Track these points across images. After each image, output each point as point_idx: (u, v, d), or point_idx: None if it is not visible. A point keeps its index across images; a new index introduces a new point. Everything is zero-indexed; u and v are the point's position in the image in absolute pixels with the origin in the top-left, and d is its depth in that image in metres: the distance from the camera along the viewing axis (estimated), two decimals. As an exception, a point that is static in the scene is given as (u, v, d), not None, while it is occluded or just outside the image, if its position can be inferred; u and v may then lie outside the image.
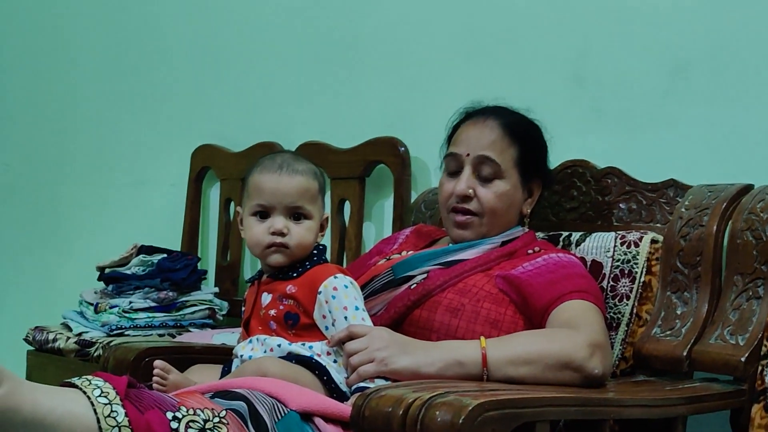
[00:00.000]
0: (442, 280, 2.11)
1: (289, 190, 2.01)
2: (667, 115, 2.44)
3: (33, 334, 3.11)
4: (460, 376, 1.86)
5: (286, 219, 2.01)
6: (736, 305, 2.00)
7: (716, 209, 2.09)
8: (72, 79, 3.98)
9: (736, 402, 1.95)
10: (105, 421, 1.58)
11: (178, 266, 3.09)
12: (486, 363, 1.87)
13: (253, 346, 1.98)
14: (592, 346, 1.90)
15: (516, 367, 1.87)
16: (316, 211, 2.03)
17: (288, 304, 1.98)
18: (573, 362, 1.88)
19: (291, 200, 2.01)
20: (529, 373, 1.87)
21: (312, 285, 1.98)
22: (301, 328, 1.97)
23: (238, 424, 1.68)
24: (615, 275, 2.18)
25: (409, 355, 1.88)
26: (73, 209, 3.95)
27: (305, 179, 2.02)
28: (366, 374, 1.87)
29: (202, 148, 3.45)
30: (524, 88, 2.57)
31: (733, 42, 2.35)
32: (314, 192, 2.03)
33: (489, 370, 1.87)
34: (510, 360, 1.88)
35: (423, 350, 1.90)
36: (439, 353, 1.89)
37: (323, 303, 1.96)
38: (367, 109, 3.06)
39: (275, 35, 3.31)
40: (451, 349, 1.90)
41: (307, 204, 2.02)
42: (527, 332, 2.02)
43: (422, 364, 1.87)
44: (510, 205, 2.23)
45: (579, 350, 1.88)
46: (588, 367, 1.88)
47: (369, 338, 1.90)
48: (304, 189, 2.02)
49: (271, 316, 1.99)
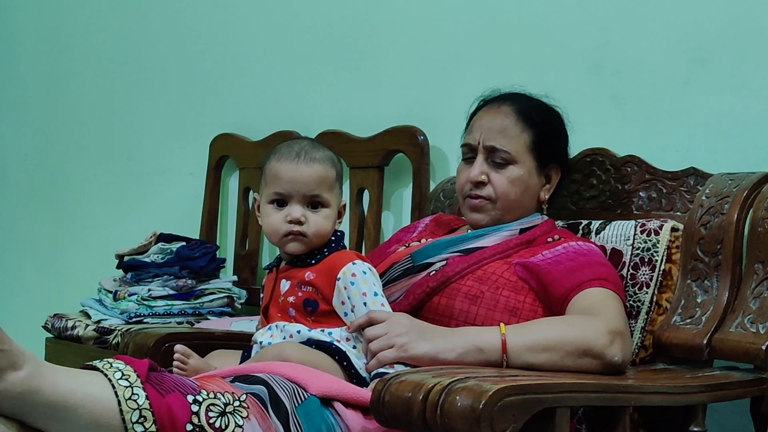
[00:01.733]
0: (461, 267, 2.11)
1: (307, 179, 2.01)
2: (687, 103, 2.43)
3: (52, 322, 3.12)
4: (480, 362, 1.86)
5: (303, 207, 2.00)
6: (756, 293, 2.00)
7: (737, 197, 2.08)
8: (90, 69, 3.99)
9: (757, 390, 1.94)
10: (126, 403, 1.59)
11: (197, 254, 3.10)
12: (506, 349, 1.87)
13: (273, 333, 1.99)
14: (612, 334, 1.89)
15: (535, 354, 1.87)
16: (333, 198, 2.03)
17: (307, 291, 1.98)
18: (593, 349, 1.87)
19: (308, 189, 2.00)
20: (548, 359, 1.86)
21: (330, 271, 1.98)
22: (320, 314, 1.97)
23: (259, 408, 1.68)
24: (635, 263, 2.17)
25: (429, 341, 1.88)
26: (92, 198, 3.97)
27: (323, 167, 2.02)
28: (386, 360, 1.87)
29: (220, 137, 3.46)
30: (543, 77, 2.56)
31: (754, 30, 2.34)
32: (332, 180, 2.03)
33: (508, 356, 1.86)
34: (529, 346, 1.87)
35: (442, 336, 1.90)
36: (459, 339, 1.89)
37: (342, 289, 1.96)
38: (385, 98, 3.06)
39: (294, 24, 3.31)
40: (471, 335, 1.90)
41: (324, 192, 2.02)
42: (547, 319, 2.02)
43: (442, 350, 1.87)
44: (525, 190, 2.22)
45: (599, 337, 1.88)
46: (608, 354, 1.88)
47: (389, 324, 1.90)
48: (321, 177, 2.01)
49: (290, 302, 1.99)
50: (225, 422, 1.63)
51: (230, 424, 1.64)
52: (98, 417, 1.58)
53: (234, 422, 1.64)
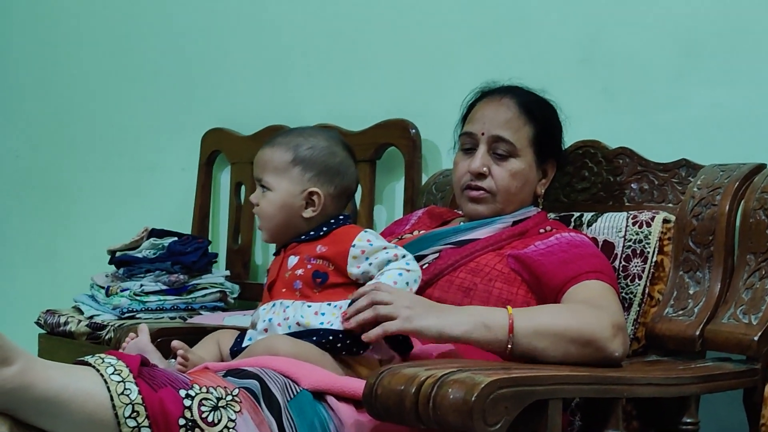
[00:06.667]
0: (454, 260, 2.11)
1: (256, 163, 2.10)
2: (678, 95, 2.43)
3: (45, 318, 3.11)
4: (487, 340, 1.84)
5: (259, 191, 2.08)
6: (748, 284, 2.00)
7: (729, 189, 2.08)
8: (81, 65, 3.98)
9: (749, 381, 1.95)
10: (118, 398, 1.59)
11: (189, 249, 3.09)
12: (512, 329, 1.84)
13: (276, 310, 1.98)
14: (616, 328, 1.88)
15: (541, 338, 1.85)
16: (281, 183, 2.05)
17: (317, 263, 1.99)
18: (597, 341, 1.86)
19: (256, 173, 2.09)
20: (552, 345, 1.85)
21: (343, 243, 2.00)
22: (328, 286, 1.97)
23: (251, 403, 1.68)
24: (627, 255, 2.17)
25: (435, 316, 1.85)
26: (84, 194, 3.95)
27: (271, 151, 2.08)
28: (390, 329, 1.84)
29: (212, 132, 3.45)
30: (535, 69, 2.56)
31: (745, 22, 2.34)
32: (278, 164, 2.06)
33: (515, 336, 1.84)
34: (536, 330, 1.86)
35: (449, 312, 1.88)
36: (466, 316, 1.87)
37: (359, 254, 1.97)
38: (377, 92, 3.05)
39: (285, 18, 3.31)
40: (479, 313, 1.88)
41: (267, 175, 2.06)
42: (554, 306, 2.00)
43: (448, 324, 1.84)
44: (524, 183, 2.22)
45: (604, 330, 1.87)
46: (610, 347, 1.87)
47: (396, 295, 1.88)
48: (266, 161, 2.08)
49: (298, 275, 1.99)
50: (218, 417, 1.63)
51: (223, 418, 1.63)
52: (91, 412, 1.58)
53: (227, 416, 1.64)
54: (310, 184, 2.06)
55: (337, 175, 2.08)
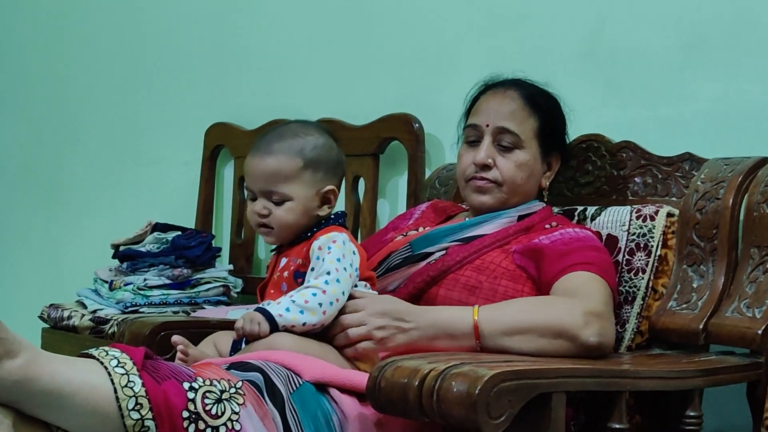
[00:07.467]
0: (460, 257, 2.11)
1: (260, 175, 2.01)
2: (682, 88, 2.43)
3: (48, 312, 3.11)
4: (455, 348, 1.89)
5: (267, 201, 2.01)
6: (752, 278, 2.00)
7: (732, 182, 2.08)
8: (86, 59, 3.98)
9: (753, 375, 1.95)
10: (122, 391, 1.59)
11: (193, 243, 3.09)
12: (478, 335, 1.88)
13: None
14: (588, 315, 1.87)
15: (509, 337, 1.87)
16: (296, 190, 2.00)
17: (297, 264, 2.00)
18: (567, 331, 1.86)
19: (262, 185, 2.01)
20: (522, 341, 1.86)
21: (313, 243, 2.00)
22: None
23: (255, 395, 1.69)
24: (630, 249, 2.17)
25: (406, 334, 1.91)
26: (87, 189, 3.96)
27: (276, 161, 2.00)
28: (365, 352, 1.91)
29: (215, 127, 3.45)
30: (538, 63, 2.56)
31: (748, 14, 2.34)
32: (288, 172, 2.00)
33: (482, 340, 1.89)
34: (502, 330, 1.88)
35: (416, 328, 1.92)
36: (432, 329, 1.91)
37: (315, 249, 1.97)
38: (380, 86, 3.05)
39: (288, 12, 3.31)
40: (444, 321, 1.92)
41: (280, 186, 2.00)
42: (522, 300, 2.01)
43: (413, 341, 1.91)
44: (529, 175, 2.22)
45: (573, 319, 1.86)
46: (582, 335, 1.85)
47: (367, 313, 1.92)
48: (272, 172, 2.00)
49: (284, 277, 2.00)
50: (221, 409, 1.63)
51: (226, 410, 1.64)
52: (95, 405, 1.58)
53: (230, 409, 1.64)
54: (323, 183, 2.04)
55: (339, 166, 2.08)
